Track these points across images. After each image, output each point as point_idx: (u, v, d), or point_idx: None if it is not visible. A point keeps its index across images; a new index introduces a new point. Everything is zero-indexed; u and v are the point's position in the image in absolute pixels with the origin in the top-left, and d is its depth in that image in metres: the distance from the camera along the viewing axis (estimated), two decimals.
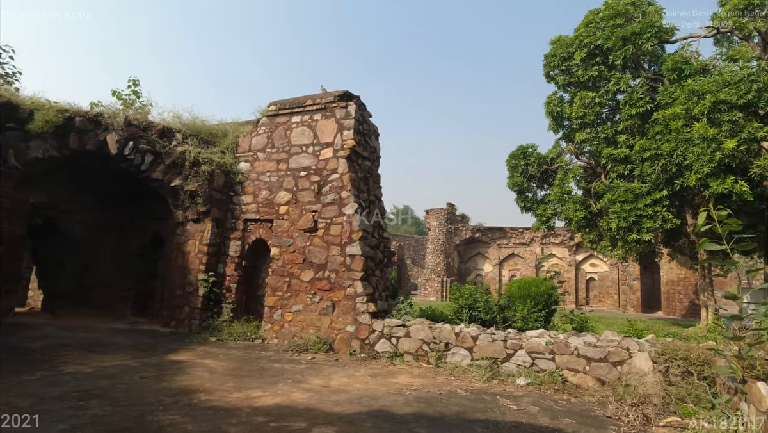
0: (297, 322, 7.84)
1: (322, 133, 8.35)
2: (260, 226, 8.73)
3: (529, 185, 15.40)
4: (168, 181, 8.83)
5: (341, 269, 7.61)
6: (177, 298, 8.92)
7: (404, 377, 5.91)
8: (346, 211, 7.82)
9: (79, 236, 10.05)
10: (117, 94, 10.62)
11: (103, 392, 4.51)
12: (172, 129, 9.00)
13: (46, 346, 6.58)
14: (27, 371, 5.12)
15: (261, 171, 8.81)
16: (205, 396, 4.55)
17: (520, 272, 29.14)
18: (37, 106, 8.12)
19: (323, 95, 8.54)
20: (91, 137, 8.53)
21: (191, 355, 6.57)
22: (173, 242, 9.33)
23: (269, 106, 9.01)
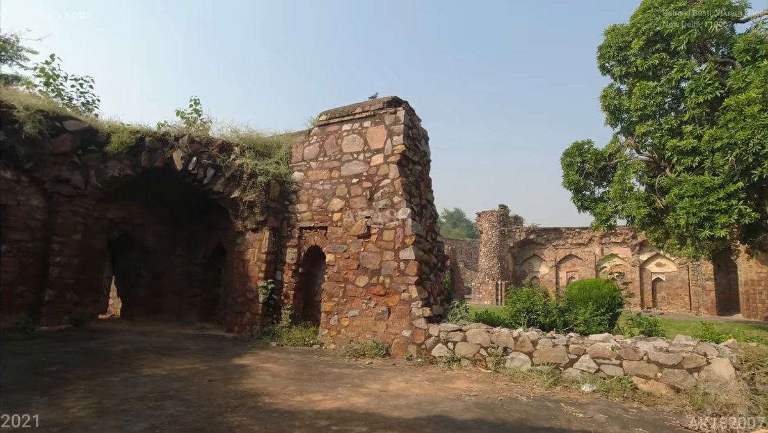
0: (353, 327, 7.95)
1: (372, 140, 8.46)
2: (315, 233, 8.97)
3: (586, 183, 14.75)
4: (228, 193, 9.29)
5: (395, 274, 7.66)
6: (239, 304, 9.33)
7: (462, 382, 5.84)
8: (398, 216, 7.86)
9: (152, 247, 10.77)
10: (180, 113, 11.35)
11: (176, 393, 4.78)
12: (230, 143, 9.47)
13: (125, 350, 7.09)
14: (110, 373, 5.54)
15: (314, 180, 9.05)
16: (269, 399, 4.72)
17: (579, 274, 27.93)
18: (114, 129, 8.85)
19: (372, 102, 8.66)
20: (159, 155, 9.16)
21: (254, 359, 6.83)
22: (234, 251, 9.78)
23: (320, 116, 9.26)
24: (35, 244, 8.51)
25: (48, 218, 8.64)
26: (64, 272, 8.68)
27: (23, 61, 15.11)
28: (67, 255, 8.72)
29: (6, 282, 8.14)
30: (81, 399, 4.40)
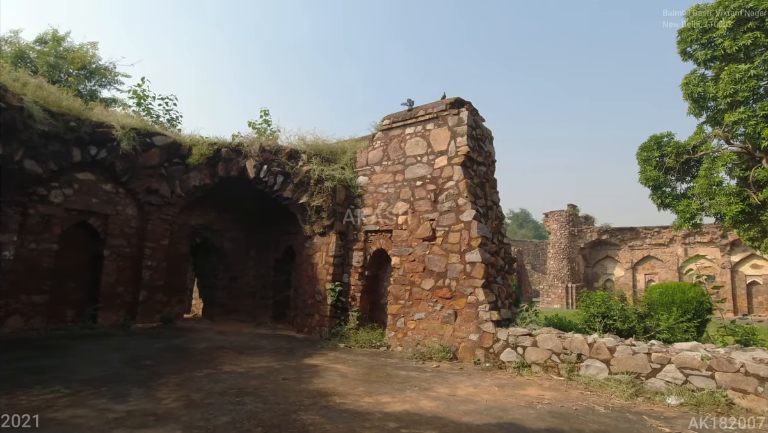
0: (420, 330, 7.97)
1: (436, 142, 8.44)
2: (380, 236, 9.10)
3: (666, 179, 13.67)
4: (296, 199, 9.69)
5: (461, 277, 7.58)
6: (308, 306, 9.69)
7: (534, 389, 5.65)
8: (463, 218, 7.78)
9: (228, 251, 11.50)
10: (252, 124, 12.03)
11: (254, 390, 5.07)
12: (298, 151, 9.88)
13: (207, 347, 7.62)
14: (195, 369, 5.98)
15: (378, 183, 9.20)
16: (339, 399, 4.86)
17: (659, 277, 25.94)
18: (194, 142, 9.57)
19: (434, 105, 8.65)
20: (234, 164, 9.76)
21: (324, 360, 7.06)
22: (303, 254, 10.18)
23: (383, 120, 9.39)
24: (131, 249, 9.40)
25: (141, 225, 9.51)
26: (155, 275, 9.51)
27: (119, 85, 16.76)
28: (157, 259, 9.55)
29: (107, 284, 9.06)
30: (171, 392, 4.80)
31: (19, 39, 14.81)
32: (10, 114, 7.22)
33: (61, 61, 14.85)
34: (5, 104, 7.13)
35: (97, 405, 4.22)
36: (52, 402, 4.23)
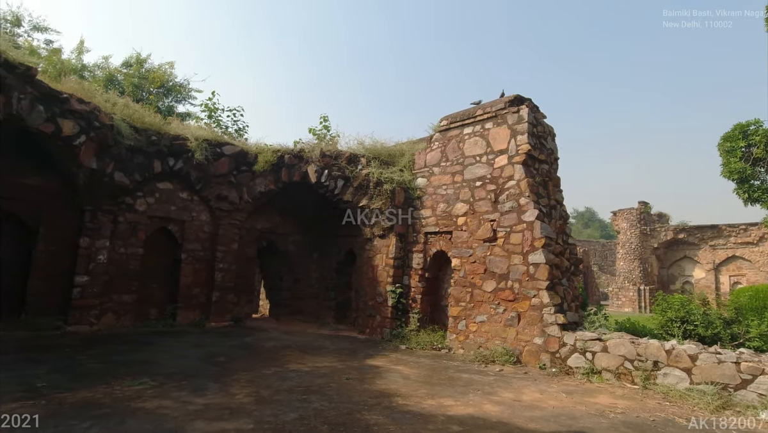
0: (482, 332, 7.85)
1: (495, 141, 8.28)
2: (440, 238, 9.07)
3: (754, 171, 12.46)
4: (356, 202, 9.90)
5: (524, 279, 7.37)
6: (369, 308, 9.85)
7: (605, 397, 5.38)
8: (525, 218, 7.57)
9: (292, 254, 11.96)
10: (312, 130, 12.46)
11: (319, 389, 5.23)
12: (357, 155, 10.09)
13: (274, 346, 7.98)
14: (264, 366, 6.28)
15: (437, 185, 9.17)
16: (402, 401, 4.91)
17: (747, 279, 23.57)
18: (259, 150, 10.08)
19: (493, 103, 8.49)
20: (297, 170, 10.16)
21: (385, 361, 7.14)
22: (363, 256, 10.36)
23: (441, 121, 9.36)
24: (204, 252, 10.06)
25: (213, 230, 10.16)
26: (226, 277, 10.11)
27: (192, 99, 18.01)
28: (227, 262, 10.14)
29: (185, 285, 9.76)
30: (243, 388, 5.08)
31: (109, 64, 16.37)
32: (102, 132, 8.01)
33: (143, 81, 16.22)
34: (99, 123, 7.93)
35: (179, 397, 4.56)
36: (141, 393, 4.63)
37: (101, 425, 3.66)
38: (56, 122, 7.36)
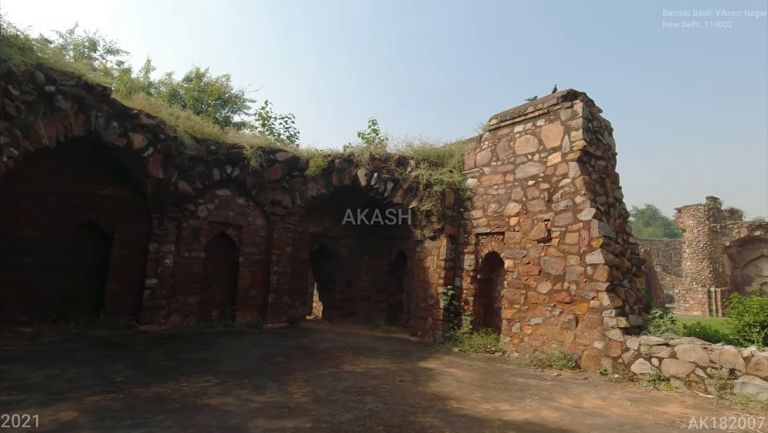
0: (537, 336, 7.62)
1: (548, 139, 8.03)
2: (492, 239, 8.91)
3: None
4: (406, 204, 9.93)
5: (582, 280, 7.09)
6: (421, 310, 9.84)
7: (675, 406, 5.06)
8: (581, 217, 7.28)
9: (344, 257, 12.17)
10: (361, 134, 12.67)
11: (373, 390, 5.29)
12: (406, 157, 10.13)
13: (328, 347, 8.15)
14: (319, 367, 6.43)
15: (488, 185, 9.02)
16: (456, 404, 4.86)
17: None
18: (310, 156, 10.36)
19: (545, 99, 8.24)
20: (347, 174, 10.34)
21: (438, 363, 7.10)
22: (414, 258, 10.37)
23: (490, 120, 9.20)
24: (260, 256, 10.47)
25: (268, 234, 10.55)
26: (281, 279, 10.46)
27: (247, 109, 18.83)
28: (282, 265, 10.50)
29: (243, 287, 10.21)
30: (300, 387, 5.24)
31: (172, 80, 17.46)
32: (168, 143, 8.56)
33: (203, 94, 17.15)
34: (165, 135, 8.48)
35: (241, 395, 4.78)
36: (206, 390, 4.89)
37: (172, 419, 3.90)
38: (128, 136, 7.94)
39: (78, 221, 8.74)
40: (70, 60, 8.40)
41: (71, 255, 8.69)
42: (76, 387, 4.69)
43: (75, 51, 15.65)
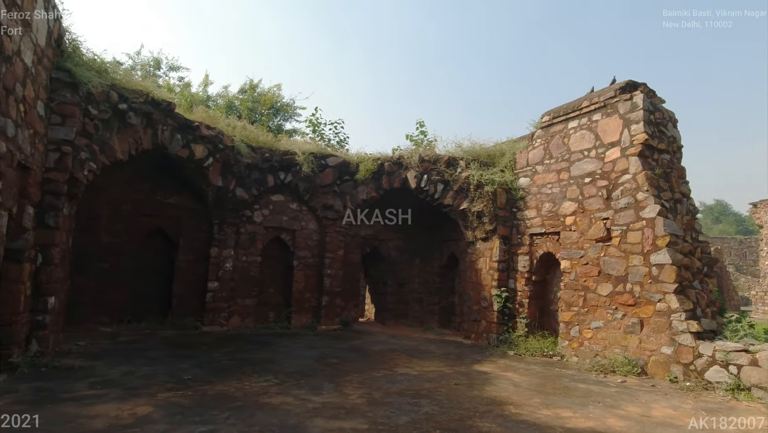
0: (598, 340, 7.28)
1: (605, 133, 7.68)
2: (546, 239, 8.62)
3: None
4: (457, 205, 9.83)
5: (646, 281, 6.70)
6: (474, 312, 9.69)
7: (759, 418, 4.66)
8: (644, 214, 6.89)
9: (395, 259, 12.23)
10: (410, 136, 12.68)
11: (428, 393, 5.28)
12: (455, 158, 10.03)
13: (382, 350, 8.21)
14: (374, 369, 6.49)
15: (541, 184, 8.74)
16: (514, 409, 4.75)
17: None
18: (360, 160, 10.51)
19: (601, 92, 7.89)
20: (396, 177, 10.40)
21: (494, 367, 6.97)
22: (466, 260, 10.23)
23: (542, 117, 8.93)
24: (313, 259, 10.74)
25: (320, 238, 10.80)
26: (333, 282, 10.67)
27: (298, 117, 19.44)
28: (334, 268, 10.70)
29: (297, 290, 10.51)
30: (356, 389, 5.31)
31: (228, 92, 18.36)
32: (226, 153, 9.00)
33: (256, 104, 17.89)
34: (223, 145, 8.93)
35: (299, 395, 4.92)
36: (266, 389, 5.08)
37: (236, 416, 4.09)
38: (190, 147, 8.42)
39: (147, 229, 9.38)
40: (139, 79, 9.02)
41: (142, 260, 9.34)
42: (150, 384, 5.02)
43: (142, 70, 16.81)
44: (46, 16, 5.42)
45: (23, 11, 4.66)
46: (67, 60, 6.22)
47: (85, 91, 6.25)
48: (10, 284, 5.13)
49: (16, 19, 4.48)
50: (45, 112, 5.73)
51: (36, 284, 5.70)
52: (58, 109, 5.97)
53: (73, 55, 6.43)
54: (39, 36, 5.25)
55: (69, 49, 6.41)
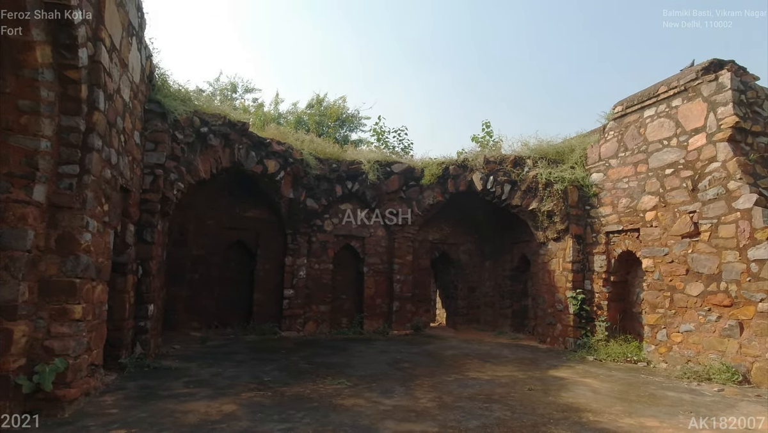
0: (689, 344, 6.70)
1: (687, 120, 7.09)
2: (625, 237, 8.10)
3: None
4: (526, 206, 9.55)
5: (744, 279, 6.07)
6: (548, 315, 9.32)
7: None
8: (738, 205, 6.26)
9: (464, 263, 12.11)
10: (475, 138, 12.54)
11: (500, 398, 5.18)
12: (522, 157, 9.77)
13: (453, 354, 8.17)
14: (445, 373, 6.49)
15: (616, 178, 8.25)
16: (593, 416, 4.53)
17: None
18: (425, 165, 10.59)
19: (680, 76, 7.30)
20: (462, 179, 10.33)
21: (571, 372, 6.67)
22: (538, 262, 9.89)
23: (614, 108, 8.44)
24: (383, 265, 10.95)
25: (388, 244, 10.99)
26: (403, 287, 10.80)
27: (362, 126, 19.98)
28: (404, 273, 10.84)
29: (368, 296, 10.77)
30: (426, 393, 5.36)
31: (297, 108, 19.35)
32: (296, 166, 9.51)
33: (323, 117, 18.66)
34: (293, 159, 9.45)
35: (371, 397, 5.06)
36: (339, 391, 5.29)
37: (312, 416, 4.31)
38: (263, 163, 9.02)
39: (229, 241, 10.15)
40: (218, 103, 9.85)
41: (226, 270, 10.12)
42: (235, 384, 5.44)
43: (220, 95, 18.23)
44: (139, 57, 6.13)
45: (122, 54, 5.32)
46: (157, 92, 6.97)
47: (172, 119, 6.95)
48: (118, 294, 5.83)
49: (116, 62, 5.13)
50: (140, 140, 6.46)
51: (138, 293, 6.42)
52: (151, 137, 6.71)
53: (162, 88, 7.19)
54: (134, 74, 5.94)
55: (158, 82, 7.18)
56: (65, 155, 4.25)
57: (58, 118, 4.19)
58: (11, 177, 3.88)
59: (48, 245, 4.15)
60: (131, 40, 5.72)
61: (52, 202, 4.17)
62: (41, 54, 3.91)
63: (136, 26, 5.90)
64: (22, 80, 3.90)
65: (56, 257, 4.17)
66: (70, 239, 4.22)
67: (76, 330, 4.22)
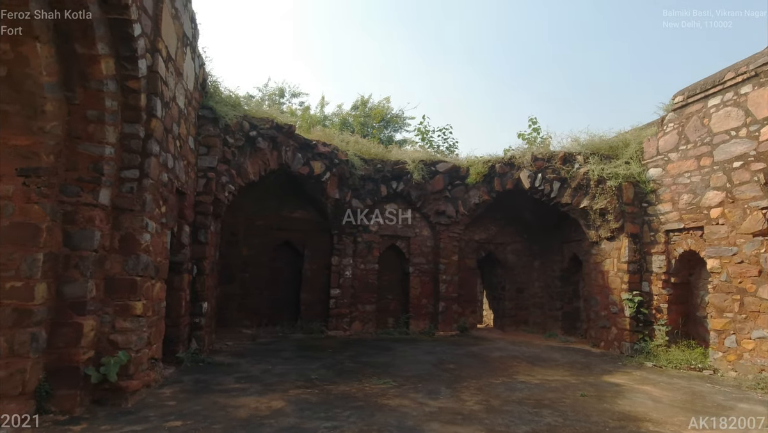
0: (762, 352, 6.18)
1: (758, 108, 6.54)
2: (687, 235, 7.60)
3: None
4: (576, 204, 9.17)
5: None
6: (602, 318, 8.90)
7: None
8: None
9: (512, 264, 11.81)
10: (521, 135, 12.19)
11: (551, 403, 5.00)
12: (572, 153, 9.39)
13: (501, 356, 7.98)
14: (492, 376, 6.35)
15: (676, 173, 7.75)
16: (652, 427, 4.28)
17: None
18: (470, 163, 10.42)
19: (750, 60, 6.75)
20: (509, 178, 10.08)
21: (627, 379, 6.33)
22: (590, 262, 9.47)
23: (674, 98, 7.93)
24: (428, 265, 10.88)
25: (434, 244, 10.91)
26: (449, 288, 10.67)
27: (407, 126, 19.94)
28: (450, 273, 10.71)
29: (414, 296, 10.74)
30: (473, 395, 5.26)
31: (342, 110, 19.62)
32: (340, 167, 9.64)
33: (368, 118, 18.79)
34: (338, 160, 9.59)
35: (416, 398, 5.04)
36: (385, 391, 5.30)
37: (357, 415, 4.35)
38: (309, 164, 9.20)
39: (278, 241, 10.43)
40: (266, 108, 10.14)
41: (275, 270, 10.41)
42: (283, 381, 5.59)
43: (269, 100, 18.78)
44: (193, 65, 6.43)
45: (177, 63, 5.60)
46: (210, 99, 7.30)
47: (223, 124, 7.24)
48: (175, 292, 6.14)
49: (172, 71, 5.40)
50: (194, 144, 6.77)
51: (193, 292, 6.74)
52: (204, 141, 7.03)
53: (214, 94, 7.51)
54: (188, 82, 6.24)
55: (210, 89, 7.51)
56: (126, 160, 4.54)
57: (120, 126, 4.48)
58: (81, 182, 4.18)
59: (112, 245, 4.45)
60: (185, 50, 6.00)
61: (116, 204, 4.47)
62: (105, 66, 4.19)
63: (189, 36, 6.19)
64: (89, 92, 4.20)
65: (119, 256, 4.47)
66: (131, 239, 4.50)
67: (137, 325, 4.50)
